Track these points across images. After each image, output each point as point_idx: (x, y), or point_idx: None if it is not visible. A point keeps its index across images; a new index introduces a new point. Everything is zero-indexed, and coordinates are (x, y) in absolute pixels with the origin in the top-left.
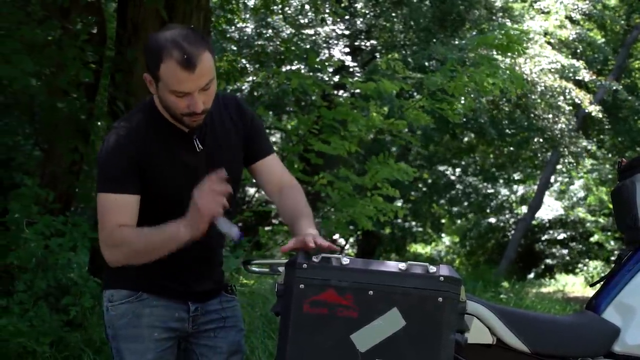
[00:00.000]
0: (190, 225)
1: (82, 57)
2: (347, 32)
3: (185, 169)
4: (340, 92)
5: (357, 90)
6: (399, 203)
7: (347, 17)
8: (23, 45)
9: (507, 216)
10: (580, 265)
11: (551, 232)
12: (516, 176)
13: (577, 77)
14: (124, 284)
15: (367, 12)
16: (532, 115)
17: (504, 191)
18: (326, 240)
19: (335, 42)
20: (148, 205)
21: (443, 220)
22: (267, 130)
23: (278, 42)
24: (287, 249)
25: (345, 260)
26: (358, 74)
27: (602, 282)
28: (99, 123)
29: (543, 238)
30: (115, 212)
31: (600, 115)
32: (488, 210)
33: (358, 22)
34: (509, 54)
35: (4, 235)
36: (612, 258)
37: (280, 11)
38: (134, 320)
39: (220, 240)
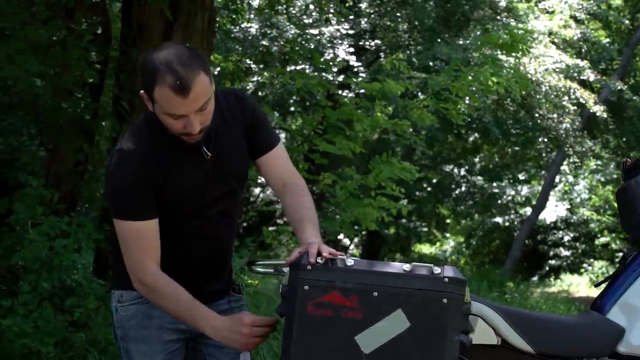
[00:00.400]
0: (217, 336)
1: (86, 57)
2: (351, 32)
3: (196, 179)
4: (345, 92)
5: (362, 91)
6: (404, 202)
7: (351, 17)
8: (27, 46)
9: (512, 216)
10: (585, 265)
11: (556, 232)
12: (521, 176)
13: (581, 77)
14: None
15: (371, 12)
16: (536, 115)
17: (509, 191)
18: (329, 247)
19: (340, 42)
20: (167, 217)
21: (448, 221)
22: None
23: (282, 42)
24: (291, 261)
25: (350, 262)
26: (362, 74)
27: (606, 283)
28: (104, 123)
29: (548, 238)
30: (139, 243)
31: (605, 115)
32: (493, 211)
33: (362, 22)
34: (513, 53)
35: (9, 235)
36: (617, 258)
37: (284, 11)
38: (144, 321)
39: (231, 242)
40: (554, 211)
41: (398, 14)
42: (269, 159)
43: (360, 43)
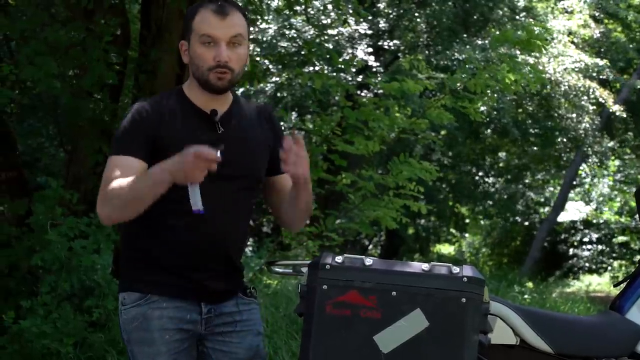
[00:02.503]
0: (171, 174)
1: (106, 58)
2: (369, 32)
3: (201, 142)
4: (364, 92)
5: (380, 91)
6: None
7: (369, 17)
8: (47, 47)
9: (531, 216)
10: (604, 265)
11: (575, 232)
12: (540, 176)
13: (601, 76)
14: (135, 286)
15: (390, 12)
16: (555, 115)
17: (528, 191)
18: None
19: (358, 42)
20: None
21: (467, 220)
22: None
23: (301, 43)
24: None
25: (369, 261)
26: (381, 74)
27: (626, 282)
28: None
29: (567, 238)
30: (115, 172)
31: (625, 115)
32: (512, 210)
33: (381, 22)
34: (530, 51)
35: (29, 236)
36: (637, 258)
37: (303, 11)
38: (144, 323)
39: (238, 240)
40: (573, 211)
41: (416, 14)
42: (285, 178)
43: (379, 43)
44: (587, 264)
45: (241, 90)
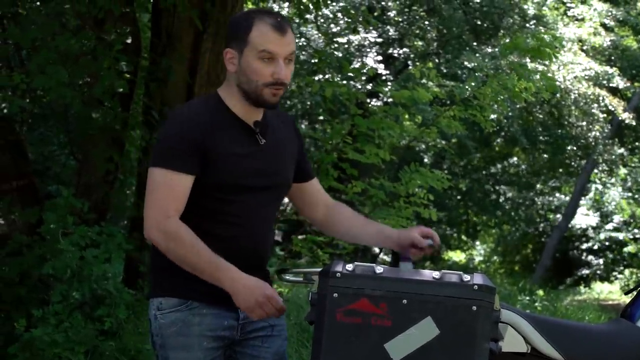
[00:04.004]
0: (234, 289)
1: (116, 67)
2: (379, 40)
3: (245, 160)
4: (374, 101)
5: (390, 99)
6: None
7: (379, 25)
8: (58, 56)
9: (542, 224)
10: (615, 274)
11: (585, 240)
12: (551, 184)
13: (611, 84)
14: (173, 292)
15: (400, 20)
16: (565, 123)
17: (539, 199)
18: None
19: (368, 50)
20: (205, 193)
21: (478, 228)
22: None
23: (311, 51)
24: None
25: (379, 269)
26: (391, 82)
27: (637, 290)
28: (134, 133)
29: (578, 246)
30: (168, 191)
31: (634, 123)
32: (523, 218)
33: (391, 30)
34: (541, 59)
35: (40, 245)
36: None
37: (313, 20)
38: (183, 329)
39: (267, 248)
40: (584, 219)
41: (426, 22)
42: (313, 185)
43: (389, 51)
44: (598, 272)
45: None
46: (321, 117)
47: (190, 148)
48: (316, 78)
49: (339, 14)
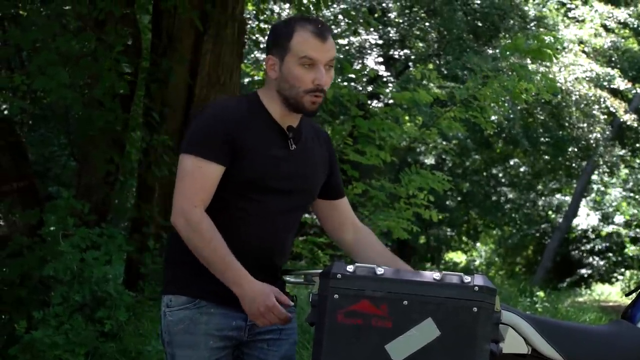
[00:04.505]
0: (241, 293)
1: (117, 68)
2: (380, 42)
3: (274, 161)
4: (375, 102)
5: (391, 101)
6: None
7: (380, 27)
8: (58, 57)
9: (543, 225)
10: (615, 275)
11: (586, 241)
12: (552, 185)
13: (612, 86)
14: (183, 290)
15: (400, 21)
16: (566, 124)
17: (540, 200)
18: None
19: (369, 51)
20: (228, 187)
21: (479, 229)
22: None
23: None
24: None
25: (380, 270)
26: (391, 84)
27: (637, 292)
28: (134, 134)
29: (578, 248)
30: (198, 180)
31: (636, 124)
32: (524, 219)
33: (391, 32)
34: (541, 60)
35: (40, 247)
36: None
37: None
38: (190, 327)
39: (286, 252)
40: (585, 221)
41: (427, 24)
42: (343, 203)
43: (390, 53)
44: (597, 272)
45: None
46: (322, 119)
47: (221, 139)
48: None
49: (340, 16)
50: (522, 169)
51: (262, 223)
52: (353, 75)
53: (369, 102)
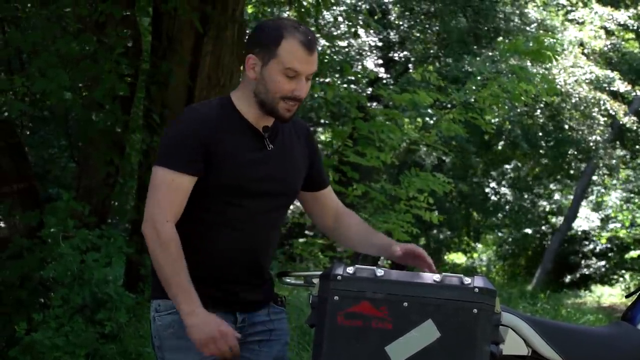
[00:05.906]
0: (188, 319)
1: (117, 70)
2: (380, 44)
3: (251, 165)
4: (375, 104)
5: (391, 103)
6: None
7: (380, 29)
8: (58, 59)
9: (543, 227)
10: (615, 277)
11: (587, 243)
12: (552, 187)
13: (611, 88)
14: None
15: (400, 23)
16: (566, 126)
17: (540, 202)
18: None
19: (369, 53)
20: (208, 193)
21: (480, 231)
22: None
23: None
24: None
25: (380, 272)
26: (391, 86)
27: (638, 293)
28: (135, 136)
29: (579, 249)
30: (168, 194)
31: (635, 127)
32: (524, 221)
33: (391, 34)
34: (541, 61)
35: (40, 248)
36: None
37: (314, 23)
38: (180, 331)
39: (269, 253)
40: (585, 222)
41: (427, 26)
42: (325, 193)
43: (390, 55)
44: (597, 274)
45: None
46: (322, 121)
47: (194, 148)
48: (317, 81)
49: (340, 18)
50: (523, 170)
51: (244, 226)
52: (353, 77)
53: (369, 104)
